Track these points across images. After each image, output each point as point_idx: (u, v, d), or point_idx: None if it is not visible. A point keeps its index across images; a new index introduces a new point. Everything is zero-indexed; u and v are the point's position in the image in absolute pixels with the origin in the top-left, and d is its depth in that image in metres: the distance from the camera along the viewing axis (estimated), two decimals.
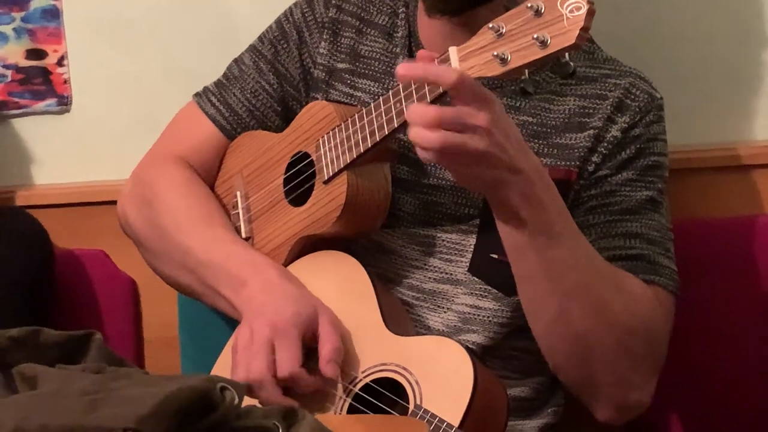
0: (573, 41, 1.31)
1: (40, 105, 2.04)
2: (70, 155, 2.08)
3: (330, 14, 1.74)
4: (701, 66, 1.99)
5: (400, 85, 1.49)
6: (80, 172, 2.08)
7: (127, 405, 0.94)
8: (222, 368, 1.63)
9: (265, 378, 1.51)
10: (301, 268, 1.66)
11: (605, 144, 1.63)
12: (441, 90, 1.40)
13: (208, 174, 1.77)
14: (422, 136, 1.36)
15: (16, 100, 2.04)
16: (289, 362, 1.51)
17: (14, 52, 2.03)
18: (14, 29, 2.01)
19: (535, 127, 1.63)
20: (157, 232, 1.72)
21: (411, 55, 1.70)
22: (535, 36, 1.35)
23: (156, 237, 1.72)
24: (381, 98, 1.54)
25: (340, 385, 1.56)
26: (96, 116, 2.06)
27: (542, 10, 1.34)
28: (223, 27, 2.03)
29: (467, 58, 1.40)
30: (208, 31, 2.04)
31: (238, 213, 1.74)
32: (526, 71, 1.38)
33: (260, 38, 1.80)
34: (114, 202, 1.81)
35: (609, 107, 1.65)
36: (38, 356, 1.11)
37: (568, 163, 1.63)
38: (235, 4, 2.04)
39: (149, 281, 1.87)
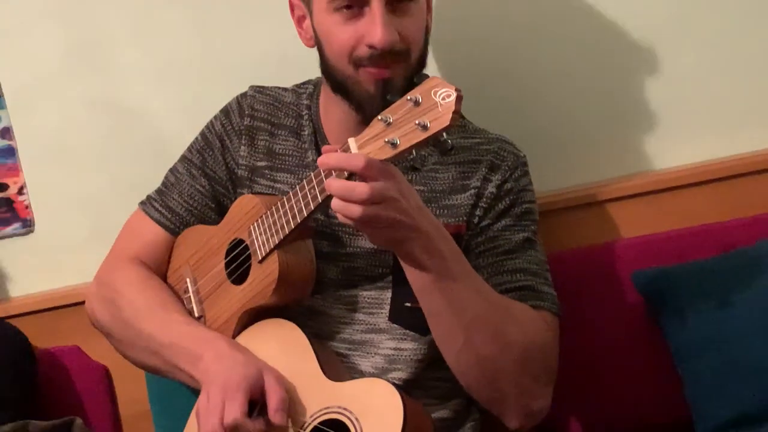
0: (448, 123, 1.36)
1: (8, 230, 2.03)
2: (37, 268, 2.07)
3: (245, 123, 1.75)
4: (551, 126, 2.04)
5: (312, 174, 1.51)
6: (48, 281, 2.06)
7: None
8: (190, 430, 1.65)
9: (217, 431, 1.54)
10: (247, 337, 1.67)
11: (484, 199, 1.67)
12: (346, 175, 1.43)
13: (159, 267, 1.78)
14: (346, 208, 1.42)
15: None
16: (232, 413, 1.52)
17: None
18: None
19: (427, 194, 1.66)
20: (121, 325, 1.73)
21: (318, 148, 1.71)
22: (417, 122, 1.38)
23: (121, 328, 1.73)
24: (297, 186, 1.56)
25: (291, 431, 1.57)
26: (57, 233, 2.06)
27: (420, 101, 1.39)
28: (155, 142, 2.04)
29: (364, 146, 1.43)
30: (144, 148, 2.05)
31: (190, 296, 1.74)
32: (414, 151, 1.42)
33: (189, 148, 1.80)
34: (81, 303, 1.81)
35: (484, 169, 1.69)
36: None
37: (456, 219, 1.66)
38: (162, 122, 2.05)
39: (120, 365, 1.85)
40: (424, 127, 1.38)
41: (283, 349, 1.64)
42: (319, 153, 1.69)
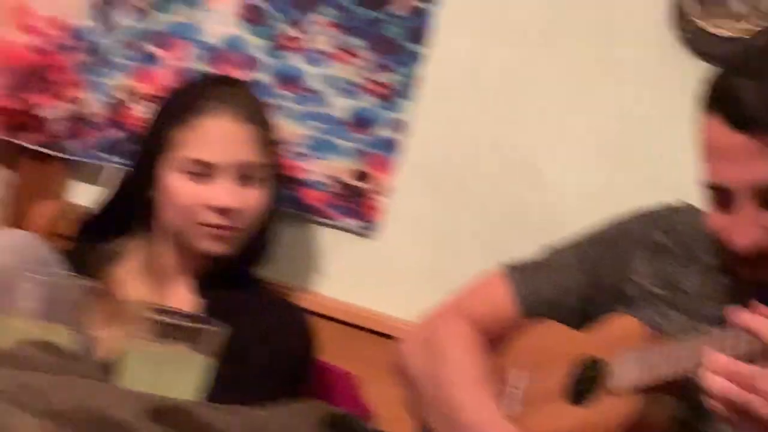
0: None
1: (347, 222, 1.96)
2: (359, 274, 2.00)
3: (655, 237, 1.61)
4: None
5: (713, 332, 1.38)
6: (360, 296, 1.99)
7: None
8: None
9: None
10: None
11: None
12: (759, 348, 1.28)
13: (491, 340, 1.65)
14: (711, 379, 1.28)
15: (328, 210, 1.97)
16: None
17: (342, 168, 1.95)
18: (353, 148, 1.96)
19: None
20: (431, 378, 1.63)
21: (731, 302, 1.46)
22: None
23: (428, 381, 1.63)
24: (693, 338, 1.43)
25: None
26: (392, 252, 1.98)
27: None
28: (546, 212, 1.94)
29: None
30: (529, 211, 1.97)
31: (510, 390, 1.59)
32: None
33: (583, 236, 1.68)
34: (381, 334, 1.82)
35: None
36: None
37: None
38: (561, 196, 1.95)
39: (388, 417, 1.79)
40: None
41: None
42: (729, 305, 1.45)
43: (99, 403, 0.98)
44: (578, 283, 1.64)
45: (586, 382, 1.52)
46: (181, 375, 1.23)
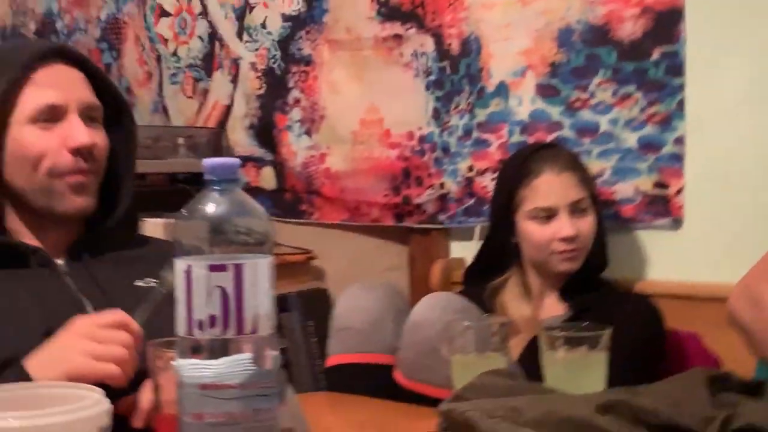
0: None
1: (657, 222, 2.08)
2: (677, 261, 2.10)
3: None
4: None
5: None
6: (679, 275, 2.09)
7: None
8: None
9: None
10: None
11: None
12: None
13: None
14: None
15: (641, 216, 2.10)
16: None
17: (646, 183, 2.08)
18: (648, 167, 2.06)
19: None
20: (761, 324, 1.57)
21: None
22: None
23: (760, 327, 1.58)
24: None
25: None
26: (702, 234, 2.07)
27: None
28: None
29: None
30: None
31: None
32: None
33: None
34: (708, 299, 1.89)
35: None
36: None
37: None
38: None
39: (731, 359, 1.85)
40: None
41: None
42: None
43: (560, 408, 1.01)
44: None
45: None
46: (592, 373, 1.31)
